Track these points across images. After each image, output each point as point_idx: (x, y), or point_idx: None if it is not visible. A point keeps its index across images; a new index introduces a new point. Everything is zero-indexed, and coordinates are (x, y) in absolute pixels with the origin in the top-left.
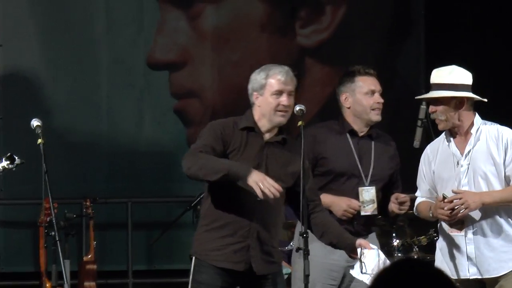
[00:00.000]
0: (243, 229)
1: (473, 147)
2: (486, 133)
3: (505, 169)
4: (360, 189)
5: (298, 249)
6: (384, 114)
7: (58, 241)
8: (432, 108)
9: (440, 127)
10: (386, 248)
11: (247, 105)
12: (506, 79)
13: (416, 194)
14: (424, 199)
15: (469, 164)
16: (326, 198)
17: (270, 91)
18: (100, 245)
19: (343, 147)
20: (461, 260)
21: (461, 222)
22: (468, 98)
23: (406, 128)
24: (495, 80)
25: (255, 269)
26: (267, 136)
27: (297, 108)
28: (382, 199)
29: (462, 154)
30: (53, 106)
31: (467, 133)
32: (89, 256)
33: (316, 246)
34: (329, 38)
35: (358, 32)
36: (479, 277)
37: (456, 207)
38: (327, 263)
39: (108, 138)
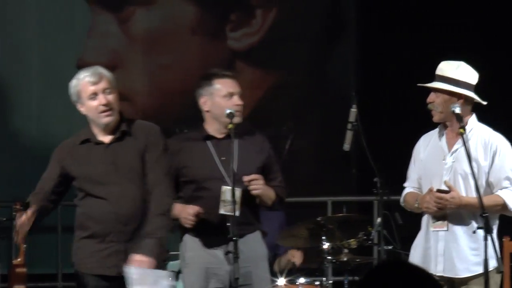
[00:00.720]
0: (110, 234)
1: (461, 146)
2: (477, 135)
3: (488, 175)
4: (223, 188)
5: (227, 253)
6: (315, 117)
7: None
8: (431, 97)
9: (434, 118)
10: (316, 251)
11: (178, 108)
12: None
13: (405, 184)
14: (412, 189)
15: (453, 162)
16: (176, 209)
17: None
18: (30, 248)
19: (203, 153)
20: (431, 256)
21: (443, 218)
22: (466, 97)
23: (337, 131)
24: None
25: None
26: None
27: (228, 111)
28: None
29: (449, 150)
30: None
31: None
32: (19, 260)
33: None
34: (260, 42)
35: (288, 35)
36: (445, 275)
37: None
38: (210, 268)
39: (38, 141)
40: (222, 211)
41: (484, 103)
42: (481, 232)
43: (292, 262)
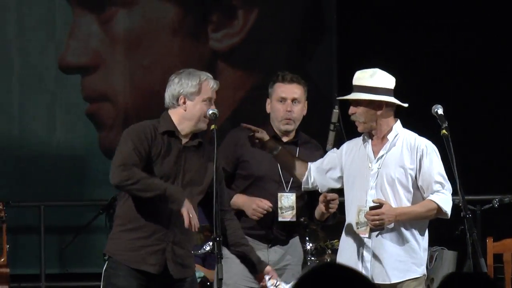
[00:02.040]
0: (159, 232)
1: (386, 152)
2: (403, 140)
3: (418, 179)
4: (279, 194)
5: (211, 253)
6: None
7: None
8: (351, 109)
9: (359, 129)
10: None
11: (159, 109)
12: (421, 84)
13: (311, 164)
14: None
15: (379, 168)
16: (239, 199)
17: (202, 98)
18: (13, 248)
19: (265, 152)
20: (357, 262)
21: (366, 224)
22: (387, 103)
23: (318, 132)
24: (409, 85)
25: (171, 272)
26: (184, 141)
27: (210, 111)
28: (311, 204)
29: (375, 157)
30: None
31: (384, 138)
32: (2, 260)
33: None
34: (241, 42)
35: (270, 36)
36: (375, 281)
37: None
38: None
39: (20, 142)
40: (281, 218)
41: (405, 105)
42: (410, 237)
43: None
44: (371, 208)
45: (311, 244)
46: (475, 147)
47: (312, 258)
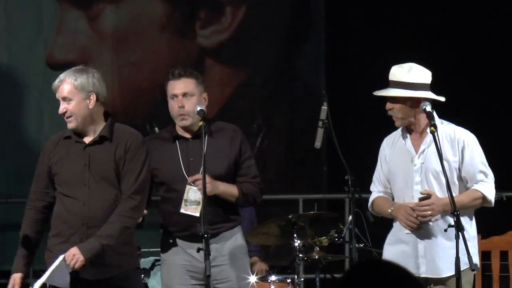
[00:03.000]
0: (73, 235)
1: (428, 146)
2: (442, 132)
3: (460, 171)
4: (187, 187)
5: (198, 250)
6: (285, 115)
7: None
8: (388, 105)
9: (396, 124)
10: (287, 248)
11: (147, 106)
12: None
13: (372, 188)
14: (381, 194)
15: (422, 162)
16: None
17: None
18: (1, 245)
19: (170, 154)
20: (412, 258)
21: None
22: (425, 98)
23: (306, 129)
24: None
25: (81, 275)
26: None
27: (198, 108)
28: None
29: (416, 152)
30: None
31: (423, 132)
32: None
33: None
34: (229, 39)
35: (258, 32)
36: (428, 276)
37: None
38: (184, 265)
39: (8, 138)
40: (183, 210)
41: (442, 99)
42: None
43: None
44: (420, 200)
45: (299, 241)
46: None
47: (300, 255)
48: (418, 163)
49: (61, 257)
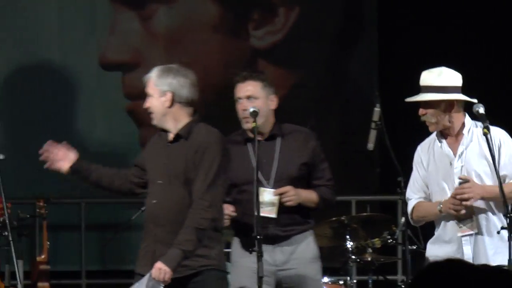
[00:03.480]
0: (149, 233)
1: (466, 148)
2: (477, 133)
3: (499, 169)
4: (261, 189)
5: (252, 251)
6: (337, 116)
7: (11, 241)
8: (422, 111)
9: (431, 129)
10: (340, 250)
11: (199, 106)
12: (466, 82)
13: (409, 195)
14: (421, 199)
15: (462, 165)
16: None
17: None
18: (54, 245)
19: (242, 156)
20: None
21: (471, 220)
22: (457, 100)
23: (358, 130)
24: None
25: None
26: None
27: (251, 109)
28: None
29: (455, 155)
30: (5, 106)
31: (459, 134)
32: (43, 257)
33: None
34: (282, 40)
35: (310, 34)
36: None
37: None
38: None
39: (60, 139)
40: (261, 213)
41: (475, 101)
42: (505, 233)
43: None
44: (462, 182)
45: (351, 243)
46: None
47: (353, 257)
48: (458, 166)
49: (147, 276)
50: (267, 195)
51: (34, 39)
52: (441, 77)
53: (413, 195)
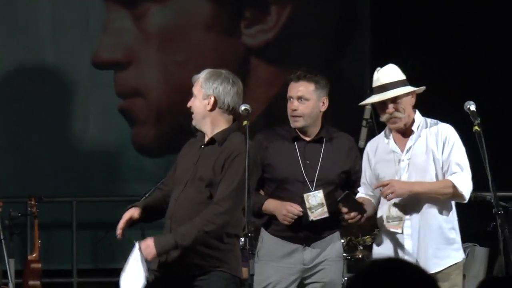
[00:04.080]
0: (166, 229)
1: (414, 143)
2: (426, 129)
3: (443, 165)
4: (305, 195)
5: (243, 249)
6: (330, 114)
7: (2, 240)
8: (391, 108)
9: (398, 125)
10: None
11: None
12: (457, 79)
13: (359, 189)
14: (363, 195)
15: (409, 159)
16: (271, 204)
17: None
18: (45, 244)
19: (288, 153)
20: (400, 255)
21: (399, 219)
22: (414, 92)
23: (352, 129)
24: (443, 80)
25: (160, 274)
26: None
27: (243, 107)
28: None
29: (402, 151)
30: None
31: (409, 130)
32: (34, 255)
33: (270, 249)
34: (275, 38)
35: (303, 32)
36: None
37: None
38: (283, 267)
39: (54, 138)
40: (312, 217)
41: (423, 88)
42: (445, 224)
43: None
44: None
45: (342, 240)
46: (508, 143)
47: (344, 254)
48: (405, 160)
49: (137, 245)
50: (313, 198)
51: (28, 38)
52: (399, 72)
53: (362, 191)
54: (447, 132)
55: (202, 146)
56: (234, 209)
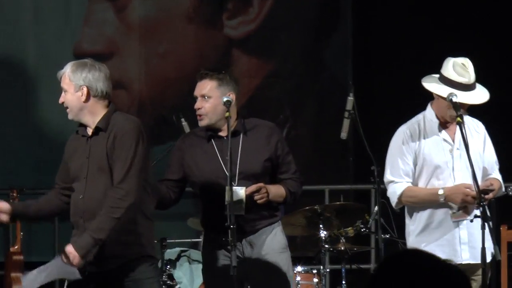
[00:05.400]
0: (80, 228)
1: (463, 136)
2: (468, 123)
3: (483, 161)
4: (227, 188)
5: (225, 241)
6: (312, 105)
7: None
8: (463, 110)
9: (452, 121)
10: (313, 239)
11: (174, 96)
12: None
13: (395, 178)
14: (409, 184)
15: (462, 150)
16: None
17: None
18: (27, 236)
19: (206, 152)
20: (455, 246)
21: (465, 208)
22: None
23: (333, 120)
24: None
25: (86, 269)
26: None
27: (224, 99)
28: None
29: (453, 140)
30: None
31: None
32: (16, 247)
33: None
34: (257, 30)
35: (285, 23)
36: (472, 261)
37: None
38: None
39: (35, 129)
40: (229, 212)
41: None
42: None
43: None
44: (483, 191)
45: (325, 232)
46: (492, 135)
47: (326, 246)
48: (458, 152)
49: (57, 258)
50: (235, 194)
51: (9, 29)
52: (471, 70)
53: (400, 178)
54: (484, 128)
55: (89, 138)
56: (136, 187)
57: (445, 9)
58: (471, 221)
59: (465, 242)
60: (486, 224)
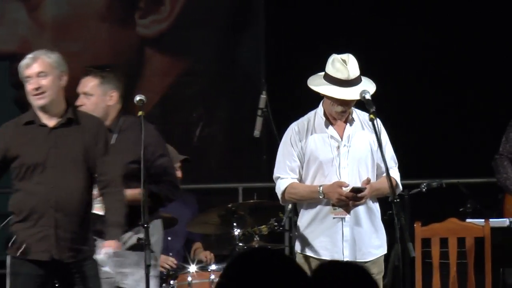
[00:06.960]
0: (48, 219)
1: (353, 132)
2: (361, 119)
3: (374, 156)
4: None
5: (139, 240)
6: (225, 103)
7: None
8: (346, 105)
9: (342, 119)
10: (227, 237)
11: None
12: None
13: (281, 174)
14: (295, 180)
15: (349, 147)
16: None
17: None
18: None
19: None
20: (337, 242)
21: (346, 205)
22: None
23: (246, 118)
24: None
25: (55, 256)
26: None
27: (137, 98)
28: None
29: (341, 137)
30: None
31: (347, 119)
32: None
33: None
34: (169, 28)
35: (198, 21)
36: (352, 259)
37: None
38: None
39: None
40: (93, 210)
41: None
42: (376, 214)
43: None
44: (356, 190)
45: (238, 230)
46: (402, 131)
47: (240, 244)
48: (345, 148)
49: (107, 257)
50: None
51: None
52: (355, 65)
53: (286, 174)
54: (379, 123)
55: (53, 129)
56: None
57: (358, 7)
58: (385, 216)
59: (347, 240)
60: (397, 220)
